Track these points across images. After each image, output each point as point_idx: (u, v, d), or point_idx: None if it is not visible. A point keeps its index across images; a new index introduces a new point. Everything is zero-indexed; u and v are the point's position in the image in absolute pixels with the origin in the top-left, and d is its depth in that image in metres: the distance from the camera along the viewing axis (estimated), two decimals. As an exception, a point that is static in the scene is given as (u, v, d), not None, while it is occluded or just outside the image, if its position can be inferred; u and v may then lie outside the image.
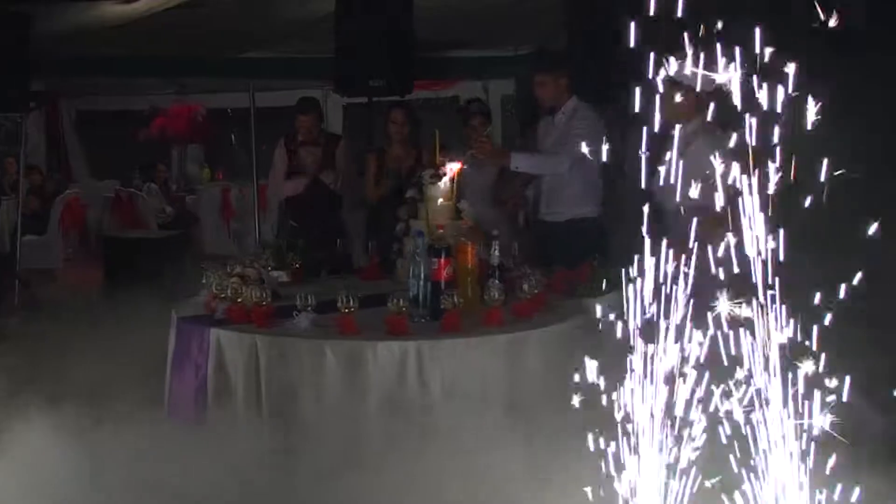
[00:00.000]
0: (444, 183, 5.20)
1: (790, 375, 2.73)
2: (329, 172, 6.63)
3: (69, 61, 9.09)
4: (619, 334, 2.96)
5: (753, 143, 2.71)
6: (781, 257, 2.70)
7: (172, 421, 4.49)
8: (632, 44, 2.82)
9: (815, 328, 2.71)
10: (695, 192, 2.74)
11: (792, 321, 2.74)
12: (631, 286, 2.99)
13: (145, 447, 4.20)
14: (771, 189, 2.70)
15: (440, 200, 5.18)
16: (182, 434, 4.28)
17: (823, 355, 2.72)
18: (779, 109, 2.69)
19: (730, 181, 2.77)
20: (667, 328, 2.89)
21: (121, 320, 6.81)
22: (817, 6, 2.58)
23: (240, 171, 11.94)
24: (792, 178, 2.72)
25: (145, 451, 4.17)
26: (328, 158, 6.74)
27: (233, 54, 8.59)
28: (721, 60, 2.92)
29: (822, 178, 2.64)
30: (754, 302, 2.75)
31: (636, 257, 2.90)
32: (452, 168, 5.00)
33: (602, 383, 3.08)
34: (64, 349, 5.97)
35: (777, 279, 2.71)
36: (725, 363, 2.83)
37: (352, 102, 11.51)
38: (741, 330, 2.76)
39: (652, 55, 2.87)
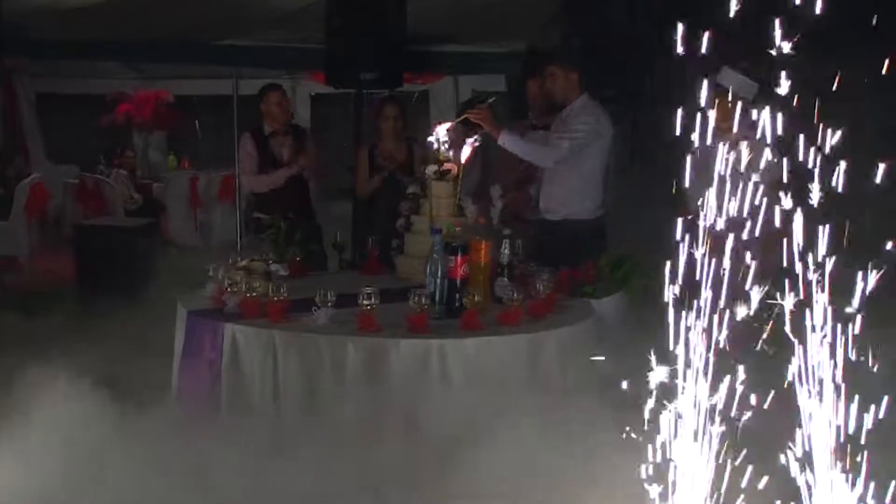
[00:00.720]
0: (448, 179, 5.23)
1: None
2: (306, 164, 6.56)
3: (30, 42, 8.87)
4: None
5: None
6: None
7: (183, 416, 4.39)
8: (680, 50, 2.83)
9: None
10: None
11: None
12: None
13: (156, 442, 4.12)
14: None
15: (443, 197, 5.20)
16: (196, 430, 4.20)
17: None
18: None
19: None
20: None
21: (105, 311, 6.69)
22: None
23: (206, 160, 11.79)
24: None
25: (157, 447, 4.09)
26: (301, 149, 6.65)
27: (209, 41, 8.44)
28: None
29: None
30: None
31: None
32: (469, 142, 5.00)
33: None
34: (56, 341, 5.82)
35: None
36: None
37: (320, 93, 11.49)
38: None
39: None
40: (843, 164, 2.68)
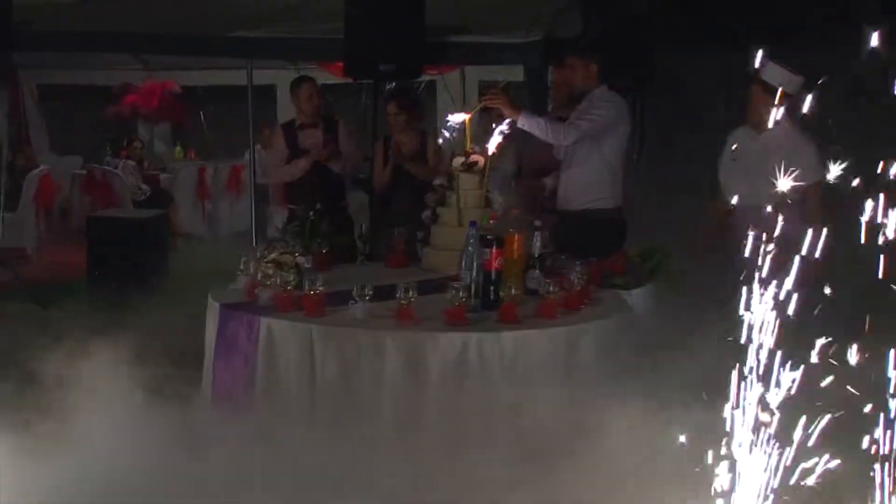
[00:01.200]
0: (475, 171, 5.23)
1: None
2: (335, 161, 6.52)
3: (37, 35, 8.79)
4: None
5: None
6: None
7: (218, 411, 4.37)
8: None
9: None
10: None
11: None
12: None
13: (191, 438, 4.10)
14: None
15: (470, 189, 5.20)
16: (231, 424, 4.18)
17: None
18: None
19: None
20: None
21: (120, 302, 6.67)
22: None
23: (212, 151, 11.74)
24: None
25: (192, 442, 4.07)
26: (331, 142, 6.62)
27: (220, 32, 8.36)
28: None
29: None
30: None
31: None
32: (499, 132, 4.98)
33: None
34: (73, 334, 5.77)
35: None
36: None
37: (325, 84, 11.43)
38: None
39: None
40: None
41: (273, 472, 3.86)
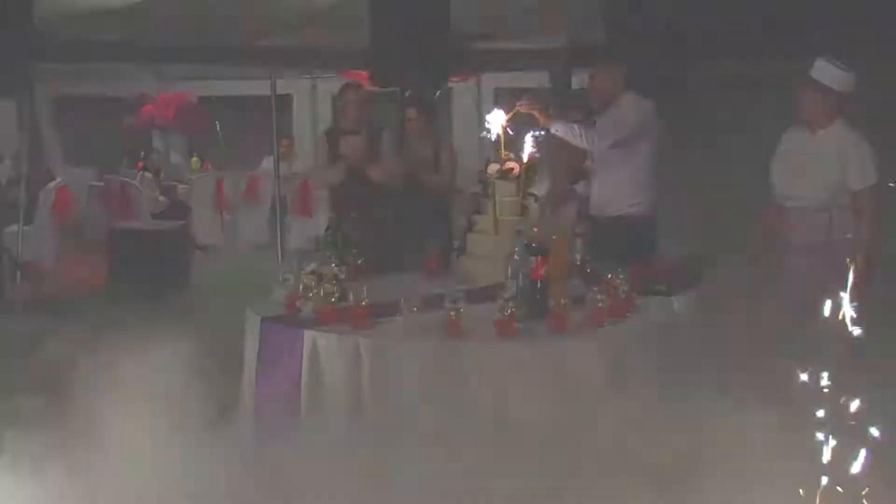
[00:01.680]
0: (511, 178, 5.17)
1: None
2: (374, 166, 6.41)
3: (57, 46, 8.75)
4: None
5: None
6: None
7: (261, 427, 4.29)
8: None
9: None
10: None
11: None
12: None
13: (237, 454, 4.03)
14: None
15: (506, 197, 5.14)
16: (277, 440, 4.10)
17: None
18: None
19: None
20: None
21: (147, 317, 6.56)
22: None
23: (228, 161, 11.69)
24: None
25: (237, 458, 4.00)
26: (371, 149, 6.51)
27: (243, 42, 8.33)
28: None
29: None
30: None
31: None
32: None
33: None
34: (96, 348, 5.69)
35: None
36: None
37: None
38: None
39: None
40: None
41: (322, 489, 3.79)
